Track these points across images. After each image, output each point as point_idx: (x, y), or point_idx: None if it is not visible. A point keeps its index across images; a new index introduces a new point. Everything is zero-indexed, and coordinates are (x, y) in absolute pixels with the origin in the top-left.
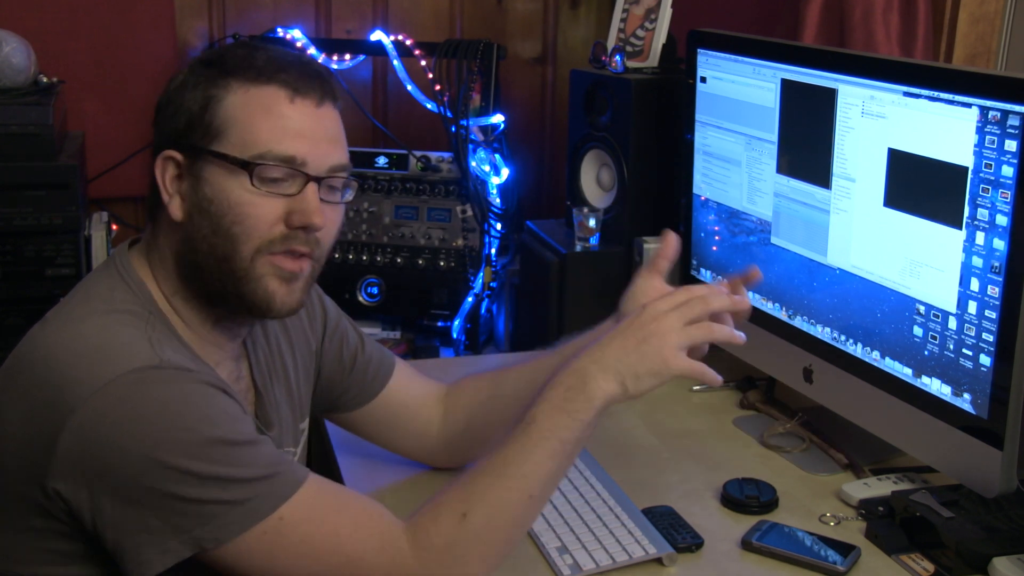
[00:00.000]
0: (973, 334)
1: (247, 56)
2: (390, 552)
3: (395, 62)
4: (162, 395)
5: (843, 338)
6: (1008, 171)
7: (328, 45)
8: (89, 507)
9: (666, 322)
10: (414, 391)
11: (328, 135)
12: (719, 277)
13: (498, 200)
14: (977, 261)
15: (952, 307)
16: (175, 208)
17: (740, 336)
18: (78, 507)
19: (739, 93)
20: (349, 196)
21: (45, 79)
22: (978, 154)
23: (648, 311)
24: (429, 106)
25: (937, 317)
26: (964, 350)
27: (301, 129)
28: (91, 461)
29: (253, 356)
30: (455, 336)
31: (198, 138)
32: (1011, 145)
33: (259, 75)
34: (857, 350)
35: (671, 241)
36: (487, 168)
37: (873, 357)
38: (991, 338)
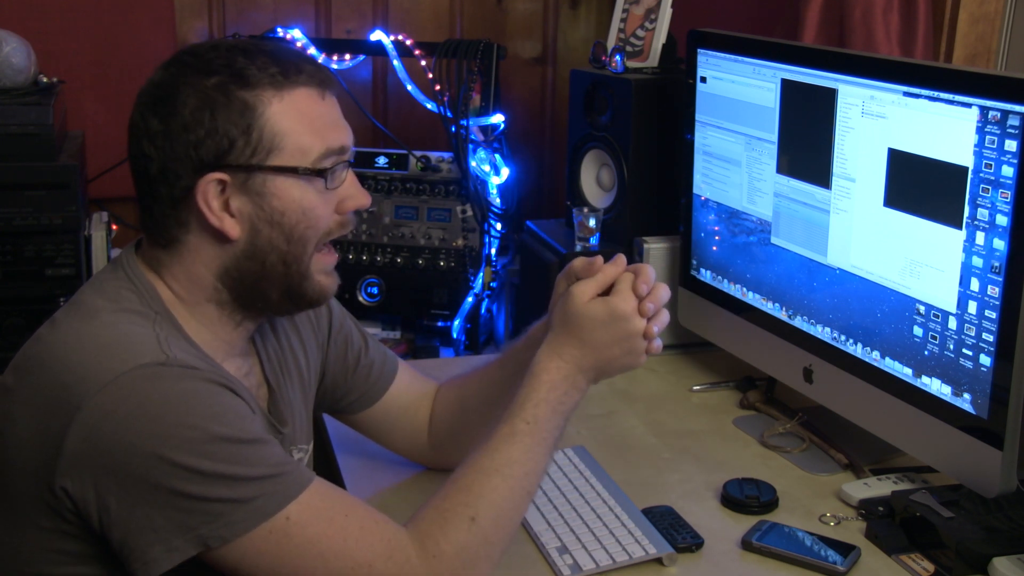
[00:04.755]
0: (973, 334)
1: (251, 63)
2: (398, 559)
3: (395, 62)
4: (168, 392)
5: (843, 338)
6: (1008, 171)
7: (328, 45)
8: (95, 505)
9: (638, 325)
10: (413, 394)
11: (343, 119)
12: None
13: (498, 200)
14: (977, 261)
15: (952, 307)
16: (230, 227)
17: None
18: (84, 505)
19: (739, 93)
20: None
21: (45, 79)
22: (978, 154)
23: (618, 314)
24: (429, 106)
25: (937, 317)
26: (964, 350)
27: (335, 120)
28: (97, 458)
29: (263, 352)
30: (455, 336)
31: (248, 156)
32: (1011, 145)
33: (284, 80)
34: (857, 350)
35: (599, 264)
36: (487, 168)
37: (873, 357)
38: (991, 338)
